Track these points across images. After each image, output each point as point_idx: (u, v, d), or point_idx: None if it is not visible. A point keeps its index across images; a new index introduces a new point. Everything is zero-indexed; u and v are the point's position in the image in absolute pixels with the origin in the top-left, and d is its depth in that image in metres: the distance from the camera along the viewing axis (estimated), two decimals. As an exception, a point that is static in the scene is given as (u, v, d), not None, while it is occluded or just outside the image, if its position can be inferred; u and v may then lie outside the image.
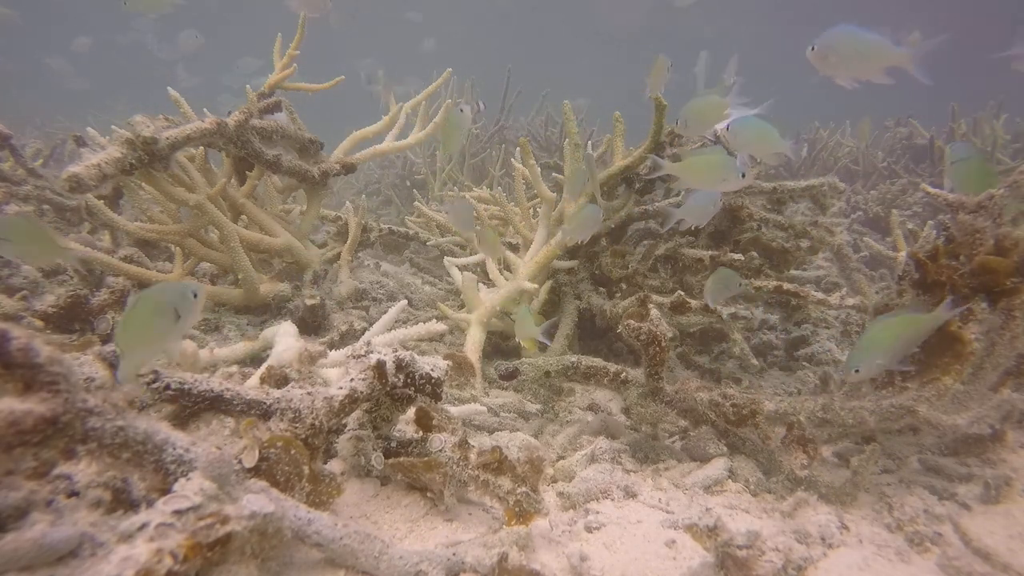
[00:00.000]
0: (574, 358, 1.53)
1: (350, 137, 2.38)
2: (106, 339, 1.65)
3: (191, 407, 0.99)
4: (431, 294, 2.76)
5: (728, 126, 1.62)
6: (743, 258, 2.07)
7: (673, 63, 2.00)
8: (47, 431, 0.66)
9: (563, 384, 1.93)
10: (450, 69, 2.66)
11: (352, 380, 1.03)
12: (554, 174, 2.34)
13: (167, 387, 0.94)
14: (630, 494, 1.27)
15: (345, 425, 1.12)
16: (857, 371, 1.26)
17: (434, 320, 1.52)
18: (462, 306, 2.17)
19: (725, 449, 1.44)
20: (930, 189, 1.81)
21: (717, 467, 1.38)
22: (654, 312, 1.41)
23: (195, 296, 1.02)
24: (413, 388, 1.09)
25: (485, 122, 5.34)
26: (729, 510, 1.25)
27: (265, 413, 0.98)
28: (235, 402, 0.98)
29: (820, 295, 1.96)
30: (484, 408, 1.50)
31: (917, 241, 2.30)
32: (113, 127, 1.67)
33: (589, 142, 3.97)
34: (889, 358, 1.26)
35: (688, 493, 1.31)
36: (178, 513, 0.67)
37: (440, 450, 1.08)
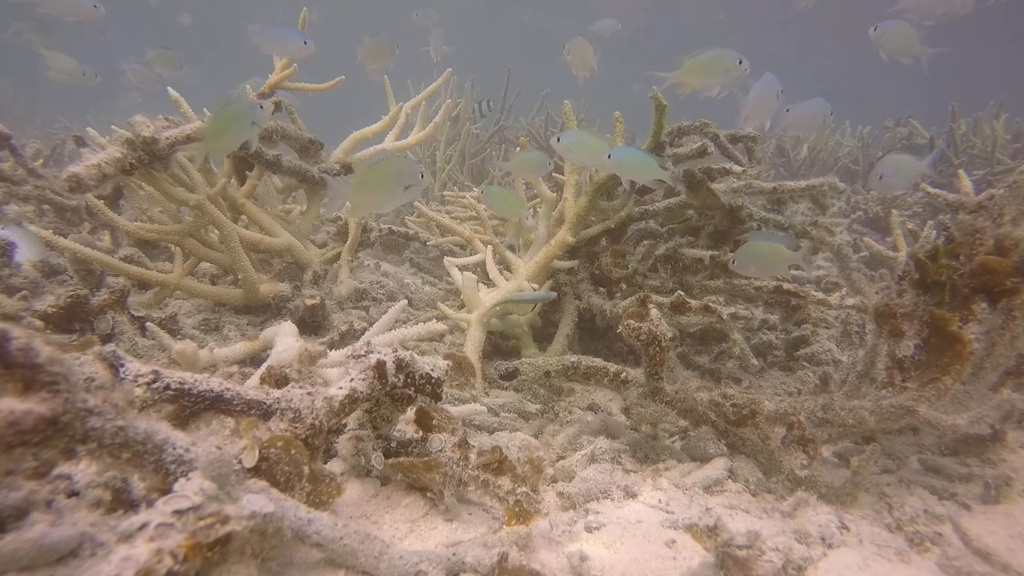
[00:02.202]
0: (574, 358, 1.53)
1: (350, 137, 2.38)
2: (106, 339, 1.65)
3: (191, 407, 0.99)
4: (431, 294, 2.76)
5: (610, 154, 1.71)
6: (743, 258, 2.07)
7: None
8: (47, 431, 0.66)
9: (563, 384, 1.93)
10: (450, 69, 2.66)
11: (352, 380, 1.03)
12: (554, 174, 2.34)
13: (167, 387, 0.94)
14: (630, 494, 1.27)
15: (345, 425, 1.12)
16: None
17: (434, 320, 1.52)
18: (462, 306, 2.17)
19: (725, 449, 1.44)
20: (930, 189, 1.81)
21: (717, 467, 1.38)
22: (654, 312, 1.41)
23: (421, 176, 1.31)
24: (413, 388, 1.09)
25: (485, 122, 5.34)
26: (729, 510, 1.25)
27: (265, 413, 0.98)
28: (235, 402, 0.98)
29: (820, 295, 1.97)
30: (484, 408, 1.50)
31: (917, 241, 2.30)
32: (113, 127, 1.67)
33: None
34: None
35: (688, 493, 1.31)
36: (178, 513, 0.67)
37: (440, 450, 1.08)
